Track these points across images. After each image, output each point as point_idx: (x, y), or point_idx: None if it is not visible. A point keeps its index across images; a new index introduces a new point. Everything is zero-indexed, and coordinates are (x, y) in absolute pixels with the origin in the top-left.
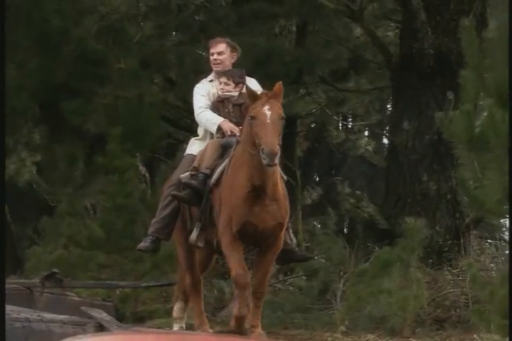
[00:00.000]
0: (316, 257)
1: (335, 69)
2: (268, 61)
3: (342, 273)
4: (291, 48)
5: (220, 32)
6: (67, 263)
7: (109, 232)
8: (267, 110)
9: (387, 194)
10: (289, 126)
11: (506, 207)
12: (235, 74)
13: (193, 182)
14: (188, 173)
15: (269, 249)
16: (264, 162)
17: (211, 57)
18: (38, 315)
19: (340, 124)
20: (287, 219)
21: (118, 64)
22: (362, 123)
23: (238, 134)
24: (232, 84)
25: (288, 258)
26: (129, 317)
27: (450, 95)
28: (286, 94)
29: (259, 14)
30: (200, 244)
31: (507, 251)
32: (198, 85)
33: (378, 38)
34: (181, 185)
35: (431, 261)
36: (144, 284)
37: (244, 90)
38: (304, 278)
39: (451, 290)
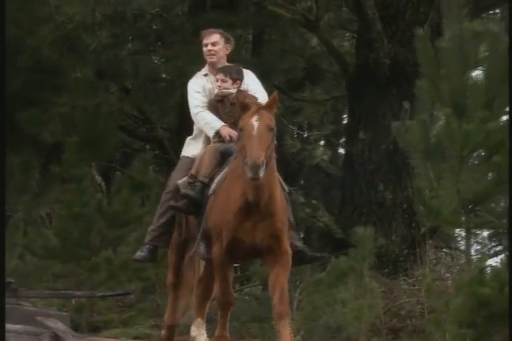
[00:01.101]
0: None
1: (291, 78)
2: None
3: (298, 282)
4: (247, 57)
5: (176, 41)
6: (23, 272)
7: (65, 241)
8: (254, 121)
9: (343, 203)
10: None
11: (462, 216)
12: (232, 69)
13: (190, 193)
14: (185, 180)
15: (277, 262)
16: (248, 175)
17: (204, 49)
18: None
19: (295, 134)
20: (285, 232)
21: (74, 73)
22: (318, 133)
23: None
24: (230, 81)
25: (298, 260)
26: (85, 327)
27: (406, 105)
28: None
29: (216, 24)
30: (209, 257)
31: (463, 261)
32: (191, 80)
33: (334, 47)
34: (178, 191)
35: (387, 270)
36: (100, 294)
37: (242, 87)
38: (260, 287)
39: (406, 300)
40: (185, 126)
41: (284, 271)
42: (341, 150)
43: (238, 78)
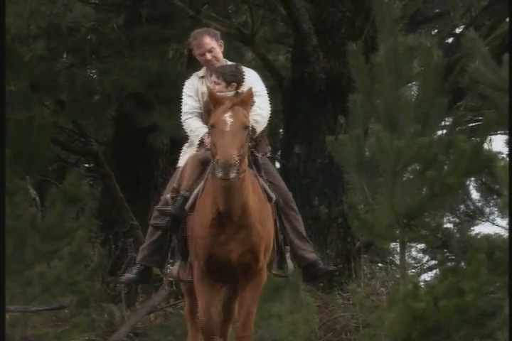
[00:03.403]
0: None
1: None
2: (160, 84)
3: None
4: (182, 71)
5: (111, 55)
6: None
7: None
8: (228, 117)
9: None
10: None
11: (396, 231)
12: (226, 71)
13: (167, 208)
14: (169, 195)
15: (249, 282)
16: (218, 175)
17: (202, 58)
18: None
19: None
20: (262, 247)
21: (8, 86)
22: None
23: None
24: (223, 83)
25: (312, 274)
26: None
27: (341, 119)
28: (178, 117)
29: (151, 37)
30: (183, 278)
31: (397, 275)
32: (187, 81)
33: (270, 61)
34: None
35: (322, 284)
36: (34, 308)
37: (241, 90)
38: None
39: (341, 314)
40: (120, 139)
41: (253, 295)
42: (277, 164)
43: (233, 80)
